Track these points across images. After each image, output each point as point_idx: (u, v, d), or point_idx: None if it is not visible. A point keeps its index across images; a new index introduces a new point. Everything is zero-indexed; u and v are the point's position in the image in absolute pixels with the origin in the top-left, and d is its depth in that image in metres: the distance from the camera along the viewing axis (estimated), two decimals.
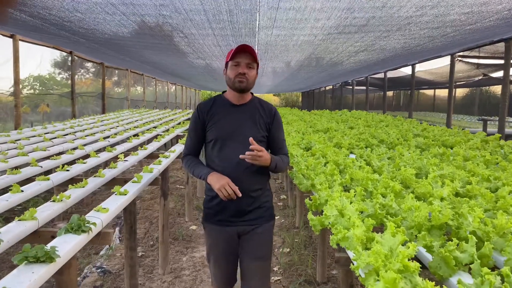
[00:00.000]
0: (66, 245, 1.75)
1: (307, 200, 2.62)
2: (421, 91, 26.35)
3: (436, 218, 1.92)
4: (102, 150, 4.87)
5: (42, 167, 3.60)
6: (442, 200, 2.39)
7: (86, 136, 6.16)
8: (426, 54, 9.01)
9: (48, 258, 1.56)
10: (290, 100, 45.40)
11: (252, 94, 2.30)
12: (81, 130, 6.73)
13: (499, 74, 11.69)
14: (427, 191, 2.55)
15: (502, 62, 8.58)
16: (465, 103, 24.21)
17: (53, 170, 3.81)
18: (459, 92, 23.30)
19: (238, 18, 5.30)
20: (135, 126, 7.91)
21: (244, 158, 2.03)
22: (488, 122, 10.53)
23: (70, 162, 4.00)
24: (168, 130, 7.71)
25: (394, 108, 27.70)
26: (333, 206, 2.17)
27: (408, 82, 13.60)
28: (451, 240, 1.66)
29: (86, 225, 1.96)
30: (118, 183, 3.22)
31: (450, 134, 5.79)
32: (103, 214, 2.24)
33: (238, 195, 2.06)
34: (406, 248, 1.50)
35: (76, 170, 3.43)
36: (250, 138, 2.03)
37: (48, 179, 2.97)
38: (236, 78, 2.12)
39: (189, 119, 10.66)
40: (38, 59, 9.60)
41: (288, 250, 4.45)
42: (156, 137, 6.47)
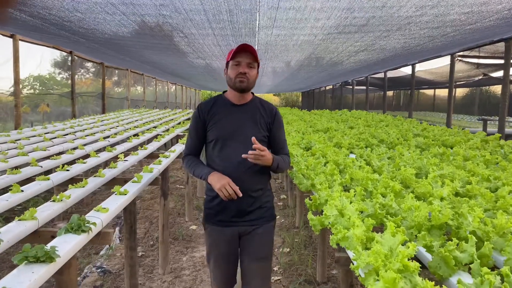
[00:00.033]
0: (66, 245, 1.75)
1: (307, 200, 2.62)
2: (421, 91, 26.36)
3: (436, 218, 1.92)
4: (102, 150, 4.87)
5: (42, 167, 3.61)
6: (442, 200, 2.39)
7: (86, 136, 6.17)
8: (426, 54, 9.01)
9: (48, 258, 1.56)
10: (290, 100, 45.41)
11: (252, 94, 2.29)
12: (81, 130, 6.74)
13: (499, 74, 11.69)
14: (427, 191, 2.56)
15: (502, 62, 8.58)
16: (465, 103, 24.21)
17: (53, 170, 3.81)
18: (459, 92, 23.31)
19: (238, 18, 5.30)
20: (135, 126, 7.91)
21: (246, 157, 2.01)
22: (488, 122, 10.53)
23: (70, 162, 4.01)
24: (168, 130, 7.72)
25: (394, 108, 27.71)
26: (333, 206, 2.17)
27: (408, 82, 13.60)
28: (451, 240, 1.66)
29: (86, 225, 1.96)
30: (118, 183, 3.22)
31: (450, 134, 5.79)
32: (103, 214, 2.24)
33: (238, 195, 2.05)
34: (406, 248, 1.51)
35: (76, 170, 3.44)
36: (253, 138, 2.01)
37: (48, 179, 2.97)
38: (237, 78, 2.11)
39: (189, 119, 10.66)
40: (38, 59, 9.61)
41: (288, 250, 4.45)
42: (156, 137, 6.47)
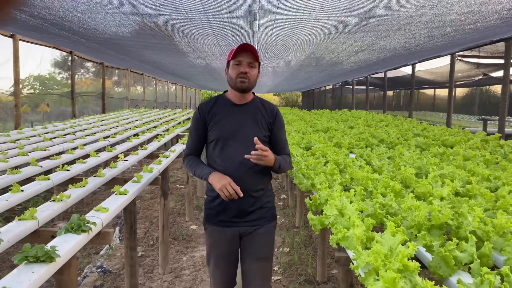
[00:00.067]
0: (66, 244, 1.75)
1: (307, 199, 2.62)
2: (421, 91, 26.36)
3: (436, 217, 1.92)
4: (102, 149, 4.87)
5: (42, 167, 3.61)
6: (442, 199, 2.39)
7: (86, 135, 6.17)
8: (426, 54, 9.01)
9: (48, 257, 1.56)
10: (290, 99, 45.43)
11: (253, 93, 2.28)
12: (81, 130, 6.74)
13: (499, 73, 11.69)
14: (427, 191, 2.56)
15: (502, 61, 8.59)
16: (465, 103, 24.21)
17: (53, 169, 3.82)
18: (459, 91, 23.31)
19: (238, 17, 5.30)
20: (135, 126, 7.91)
21: (249, 158, 2.00)
22: (488, 122, 10.53)
23: (70, 162, 4.01)
24: (168, 129, 7.72)
25: (394, 107, 27.71)
26: (333, 206, 2.17)
27: (408, 81, 13.60)
28: (451, 239, 1.66)
29: (86, 224, 1.96)
30: (118, 183, 3.22)
31: (450, 133, 5.79)
32: (103, 213, 2.24)
33: (239, 195, 2.03)
34: (406, 247, 1.51)
35: (76, 169, 3.44)
36: (255, 138, 2.00)
37: (48, 179, 2.97)
38: (238, 78, 2.10)
39: (189, 119, 10.66)
40: (38, 59, 9.61)
41: (288, 249, 4.45)
42: (156, 136, 6.47)
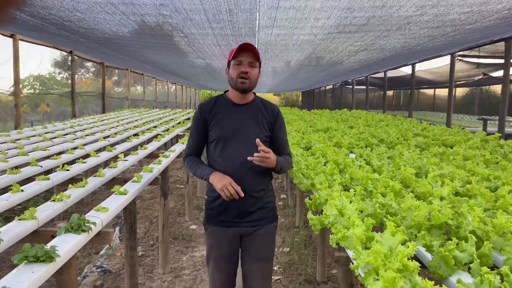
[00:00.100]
0: (66, 244, 1.75)
1: (307, 199, 2.62)
2: (421, 91, 26.35)
3: (435, 217, 1.92)
4: (102, 149, 4.87)
5: (42, 167, 3.61)
6: (441, 199, 2.39)
7: (86, 135, 6.17)
8: (426, 54, 9.01)
9: (48, 257, 1.56)
10: (290, 99, 45.44)
11: (254, 93, 2.28)
12: (81, 130, 6.74)
13: (499, 73, 11.69)
14: (427, 191, 2.56)
15: (502, 61, 8.58)
16: (465, 103, 24.21)
17: (53, 169, 3.82)
18: (459, 91, 23.30)
19: (238, 17, 5.30)
20: (135, 126, 7.91)
21: (252, 160, 2.00)
22: (488, 122, 10.52)
23: (70, 162, 4.01)
24: (168, 129, 7.72)
25: (394, 107, 27.70)
26: (333, 206, 2.17)
27: (408, 81, 13.60)
28: (451, 239, 1.66)
29: (86, 224, 1.96)
30: (118, 183, 3.22)
31: (450, 133, 5.79)
32: (103, 213, 2.24)
33: (240, 195, 2.03)
34: (406, 247, 1.51)
35: (76, 169, 3.44)
36: (257, 140, 2.00)
37: (48, 179, 2.97)
38: (238, 77, 2.10)
39: (189, 119, 10.67)
40: (38, 59, 9.62)
41: (288, 249, 4.46)
42: (156, 136, 6.47)
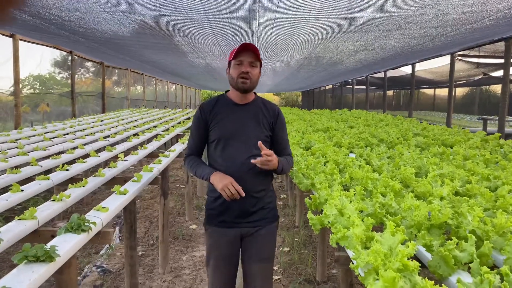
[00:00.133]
0: (66, 244, 1.75)
1: (307, 199, 2.62)
2: (421, 90, 26.35)
3: (435, 217, 1.92)
4: (102, 149, 4.88)
5: (42, 167, 3.61)
6: (441, 199, 2.39)
7: (86, 135, 6.17)
8: (426, 53, 9.01)
9: (48, 257, 1.56)
10: (290, 99, 45.45)
11: (255, 93, 2.28)
12: (81, 130, 6.73)
13: (499, 73, 11.69)
14: (427, 190, 2.56)
15: (502, 61, 8.58)
16: (465, 102, 24.21)
17: (53, 169, 3.82)
18: (459, 91, 23.31)
19: (238, 17, 5.30)
20: (135, 126, 7.91)
21: (255, 163, 2.00)
22: (488, 121, 10.52)
23: (70, 162, 4.01)
24: (168, 129, 7.71)
25: (394, 107, 27.71)
26: (332, 205, 2.17)
27: (408, 81, 13.60)
28: (451, 239, 1.66)
29: (86, 224, 1.96)
30: (118, 183, 3.22)
31: (450, 133, 5.79)
32: (103, 213, 2.24)
33: (241, 195, 2.02)
34: (406, 247, 1.50)
35: (76, 169, 3.44)
36: (259, 142, 2.01)
37: (48, 179, 2.97)
38: (239, 77, 2.09)
39: (189, 119, 10.66)
40: (38, 59, 9.62)
41: (288, 249, 4.46)
42: (156, 136, 6.47)
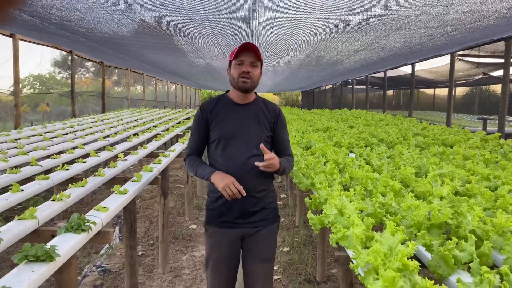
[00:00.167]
0: (66, 244, 1.75)
1: (307, 199, 2.62)
2: (421, 90, 26.37)
3: (435, 217, 1.92)
4: (102, 149, 4.88)
5: (42, 166, 3.60)
6: (441, 199, 2.39)
7: (86, 135, 6.17)
8: (426, 53, 9.01)
9: (48, 257, 1.56)
10: (290, 99, 45.46)
11: (256, 93, 2.27)
12: (81, 130, 6.73)
13: (499, 73, 11.69)
14: (427, 190, 2.56)
15: (502, 61, 8.58)
16: (465, 102, 24.22)
17: (53, 169, 3.81)
18: (459, 91, 23.32)
19: (238, 17, 5.30)
20: (135, 125, 7.90)
21: (258, 165, 2.00)
22: (488, 121, 10.52)
23: (70, 161, 4.00)
24: (168, 129, 7.72)
25: (394, 107, 27.72)
26: (332, 205, 2.17)
27: (408, 81, 13.61)
28: (451, 239, 1.66)
29: (86, 224, 1.96)
30: (118, 182, 3.22)
31: (450, 133, 5.79)
32: (103, 213, 2.24)
33: (243, 194, 2.02)
34: (406, 247, 1.50)
35: (76, 169, 3.44)
36: (261, 145, 2.01)
37: (48, 178, 2.97)
38: (240, 77, 2.09)
39: (189, 118, 10.66)
40: (38, 59, 9.63)
41: (288, 249, 4.46)
42: (156, 136, 6.47)
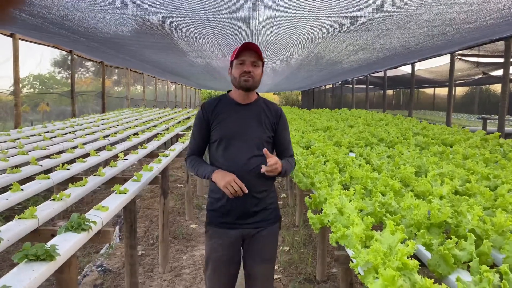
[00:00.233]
0: (66, 243, 1.75)
1: (307, 198, 2.62)
2: (421, 90, 26.37)
3: (435, 216, 1.92)
4: (102, 149, 4.88)
5: (42, 166, 3.61)
6: (441, 198, 2.39)
7: (86, 135, 6.17)
8: (426, 53, 9.01)
9: (48, 256, 1.56)
10: (290, 99, 45.47)
11: (257, 94, 2.27)
12: (81, 129, 6.74)
13: (499, 72, 11.69)
14: (427, 190, 2.56)
15: (502, 60, 8.58)
16: (465, 102, 24.23)
17: (53, 169, 3.82)
18: (459, 90, 23.32)
19: (238, 16, 5.30)
20: (135, 125, 7.91)
21: (263, 171, 2.00)
22: (487, 121, 10.52)
23: (70, 161, 4.01)
24: (168, 129, 7.72)
25: (394, 106, 27.73)
26: (332, 205, 2.17)
27: (408, 80, 13.61)
28: (450, 238, 1.66)
29: (86, 223, 1.96)
30: (118, 182, 3.23)
31: (449, 132, 5.80)
32: (103, 212, 2.24)
33: (244, 192, 2.01)
34: (405, 246, 1.51)
35: (76, 169, 3.44)
36: (265, 150, 2.01)
37: (48, 178, 2.97)
38: (241, 77, 2.08)
39: (189, 118, 10.66)
40: (38, 58, 9.63)
41: (288, 248, 4.46)
42: (156, 136, 6.47)
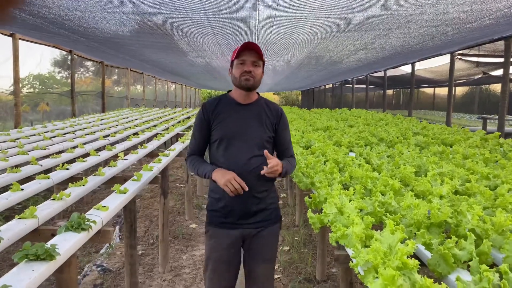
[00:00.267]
0: (66, 243, 1.75)
1: (307, 198, 2.62)
2: (421, 90, 26.38)
3: (435, 215, 1.92)
4: (102, 148, 4.88)
5: (42, 166, 3.61)
6: (441, 198, 2.40)
7: (86, 134, 6.17)
8: (426, 53, 9.01)
9: (48, 256, 1.56)
10: (290, 98, 45.48)
11: (258, 94, 2.27)
12: (81, 129, 6.74)
13: (499, 72, 11.69)
14: (426, 189, 2.56)
15: (502, 60, 8.58)
16: (465, 102, 24.23)
17: (53, 168, 3.82)
18: (459, 90, 23.33)
19: (238, 16, 5.30)
20: (135, 125, 7.90)
21: (264, 173, 2.00)
22: (487, 120, 10.52)
23: (70, 161, 4.01)
24: (168, 128, 7.72)
25: (394, 106, 27.73)
26: (332, 204, 2.17)
27: (408, 80, 13.61)
28: (450, 237, 1.67)
29: (86, 223, 1.96)
30: (118, 182, 3.23)
31: (449, 132, 5.80)
32: (103, 212, 2.24)
33: (245, 189, 2.00)
34: (405, 245, 1.51)
35: (76, 168, 3.44)
36: (265, 151, 2.01)
37: (48, 178, 2.97)
38: (242, 77, 2.08)
39: (189, 118, 10.66)
40: (38, 58, 9.63)
41: (288, 248, 4.46)
42: (156, 135, 6.47)
